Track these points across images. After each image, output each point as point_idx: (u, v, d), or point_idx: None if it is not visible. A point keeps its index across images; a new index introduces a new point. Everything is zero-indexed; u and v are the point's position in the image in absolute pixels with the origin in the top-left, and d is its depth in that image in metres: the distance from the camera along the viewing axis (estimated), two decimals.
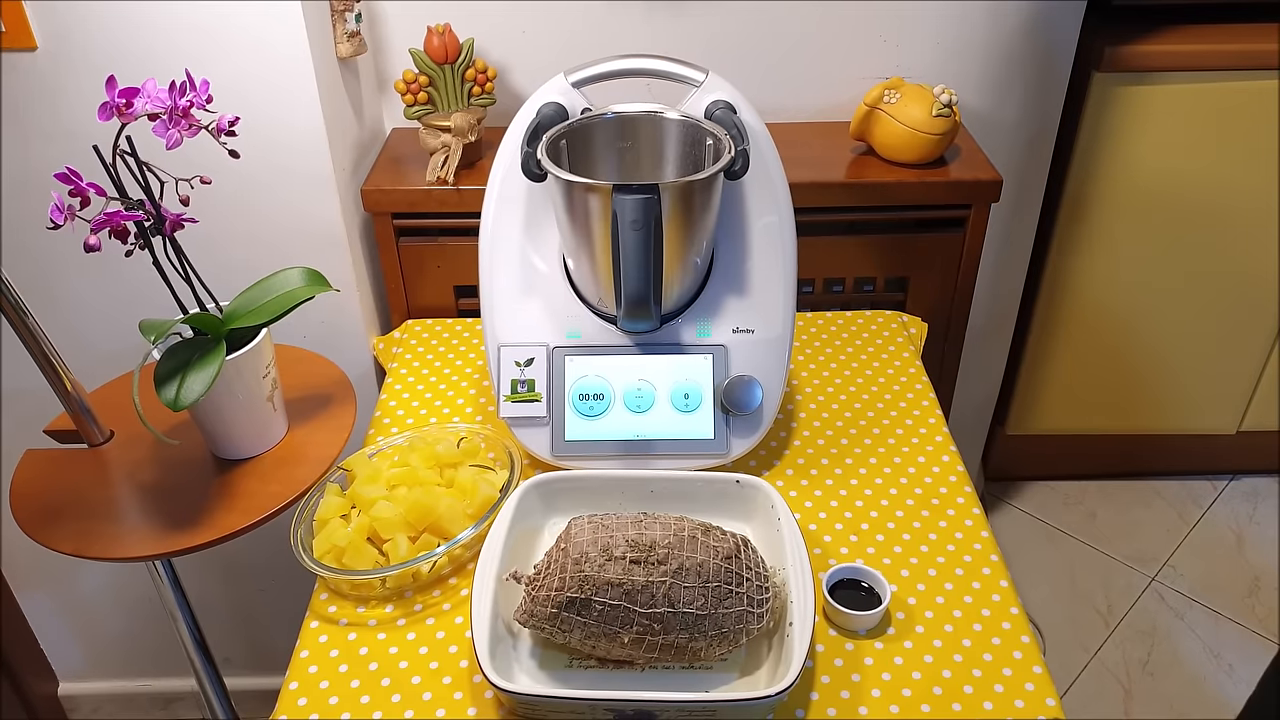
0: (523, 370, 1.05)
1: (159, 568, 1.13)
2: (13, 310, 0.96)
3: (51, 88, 1.15)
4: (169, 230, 0.96)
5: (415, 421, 1.17)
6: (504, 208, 1.07)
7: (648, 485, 0.98)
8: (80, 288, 1.31)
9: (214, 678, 1.25)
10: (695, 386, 1.04)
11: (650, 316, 1.00)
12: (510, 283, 1.07)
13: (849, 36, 1.37)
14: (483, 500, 0.98)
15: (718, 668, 0.86)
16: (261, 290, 1.03)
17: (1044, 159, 1.55)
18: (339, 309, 1.34)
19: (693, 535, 0.85)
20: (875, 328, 1.32)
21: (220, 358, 0.94)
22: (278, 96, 1.17)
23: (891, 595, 0.92)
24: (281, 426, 1.10)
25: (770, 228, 1.06)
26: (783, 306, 1.06)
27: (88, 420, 1.07)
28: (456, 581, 0.97)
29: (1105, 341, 1.84)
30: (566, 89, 1.05)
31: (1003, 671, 0.86)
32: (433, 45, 1.27)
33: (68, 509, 1.01)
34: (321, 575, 0.94)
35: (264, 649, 1.73)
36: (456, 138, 1.30)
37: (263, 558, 1.56)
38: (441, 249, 1.34)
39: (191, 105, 0.91)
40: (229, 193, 1.20)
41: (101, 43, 1.12)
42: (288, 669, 0.89)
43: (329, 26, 1.22)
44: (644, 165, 1.07)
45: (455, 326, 1.35)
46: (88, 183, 0.88)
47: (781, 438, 1.13)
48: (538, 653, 0.88)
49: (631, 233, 0.91)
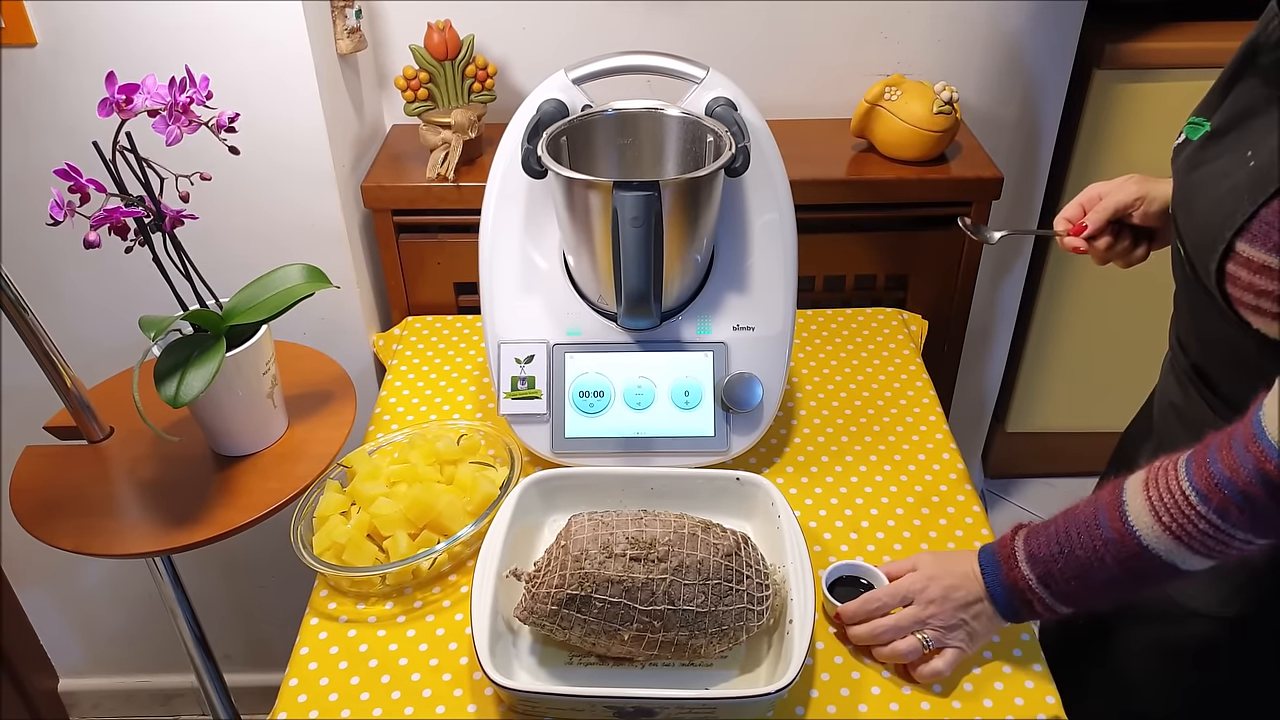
0: (523, 367, 1.05)
1: (159, 564, 1.13)
2: (13, 306, 0.96)
3: (51, 84, 1.15)
4: (169, 226, 0.96)
5: (415, 418, 1.17)
6: (504, 204, 1.07)
7: (648, 482, 0.98)
8: (80, 284, 1.30)
9: (214, 674, 1.25)
10: (695, 384, 1.04)
11: (650, 313, 1.00)
12: (510, 279, 1.07)
13: (850, 33, 1.37)
14: (483, 497, 0.98)
15: (718, 665, 0.86)
16: (261, 287, 1.03)
17: (1045, 156, 1.55)
18: (339, 306, 1.34)
19: (693, 532, 0.85)
20: (875, 325, 1.32)
21: (220, 354, 0.94)
22: (278, 93, 1.17)
23: None
24: (281, 423, 1.10)
25: (771, 225, 1.06)
26: (783, 304, 1.06)
27: (87, 417, 1.07)
28: (456, 578, 0.97)
29: (1105, 339, 1.84)
30: (567, 85, 1.05)
31: (1003, 669, 0.86)
32: (433, 41, 1.27)
33: (68, 505, 1.01)
34: (321, 572, 0.94)
35: (264, 645, 1.73)
36: (457, 134, 1.30)
37: (263, 554, 1.56)
38: (441, 246, 1.34)
39: (191, 101, 0.91)
40: (229, 189, 1.20)
41: (101, 39, 1.12)
42: (288, 665, 0.89)
43: (329, 23, 1.22)
44: (644, 162, 1.07)
45: (455, 323, 1.35)
46: (88, 179, 0.88)
47: (782, 435, 1.13)
48: (538, 650, 0.88)
49: (632, 230, 0.91)
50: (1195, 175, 0.76)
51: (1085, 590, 0.76)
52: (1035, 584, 0.78)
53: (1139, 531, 0.71)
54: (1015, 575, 0.79)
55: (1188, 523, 0.68)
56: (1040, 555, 0.77)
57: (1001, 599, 0.80)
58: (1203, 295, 0.75)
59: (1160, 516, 0.70)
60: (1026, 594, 0.78)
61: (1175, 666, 0.91)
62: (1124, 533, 0.71)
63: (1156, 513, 0.70)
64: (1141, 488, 0.71)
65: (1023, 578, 0.78)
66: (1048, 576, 0.77)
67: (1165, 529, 0.69)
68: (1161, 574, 0.72)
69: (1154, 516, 0.70)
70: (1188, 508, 0.68)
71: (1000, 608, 0.81)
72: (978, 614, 0.82)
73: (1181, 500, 0.68)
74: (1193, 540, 0.69)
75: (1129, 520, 0.71)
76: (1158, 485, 0.70)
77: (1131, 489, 0.72)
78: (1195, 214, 0.75)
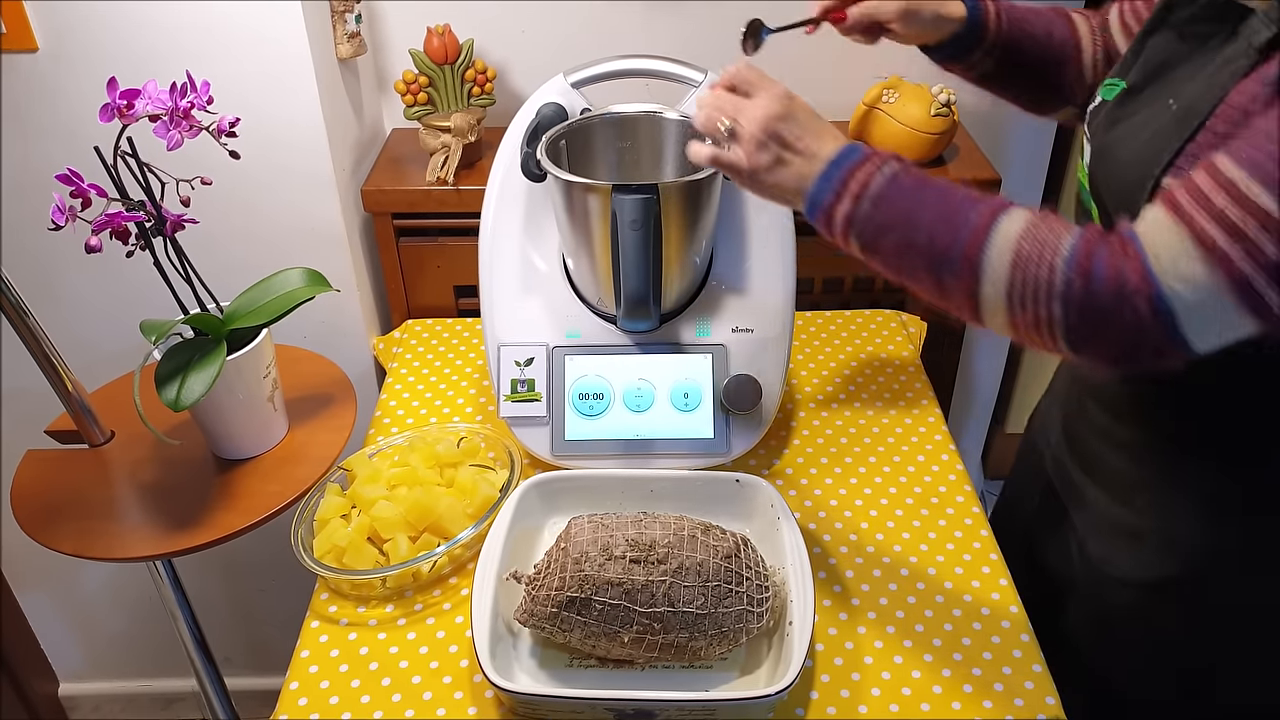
0: (522, 370, 1.05)
1: (159, 568, 1.13)
2: (14, 310, 0.97)
3: (52, 89, 1.16)
4: (170, 231, 0.96)
5: (415, 421, 1.18)
6: (504, 208, 1.07)
7: (647, 485, 0.98)
8: (81, 288, 1.31)
9: (214, 678, 1.25)
10: (695, 386, 1.04)
11: (650, 316, 1.00)
12: (510, 282, 1.07)
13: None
14: (483, 500, 0.98)
15: (718, 667, 0.86)
16: (262, 290, 1.03)
17: (1042, 158, 1.55)
18: (339, 309, 1.34)
19: (692, 534, 0.85)
20: (875, 327, 1.32)
21: (221, 358, 0.94)
22: (278, 97, 1.17)
23: (892, 593, 0.93)
24: (282, 426, 1.10)
25: (769, 227, 1.06)
26: (782, 306, 1.06)
27: (88, 420, 1.07)
28: (457, 581, 0.97)
29: None
30: (566, 89, 1.05)
31: (1002, 670, 0.86)
32: (432, 46, 1.27)
33: (68, 509, 1.01)
34: (322, 575, 0.94)
35: (264, 649, 1.73)
36: (456, 138, 1.30)
37: (263, 557, 1.57)
38: (441, 249, 1.34)
39: (192, 106, 0.91)
40: (229, 193, 1.20)
41: (102, 44, 1.13)
42: (288, 669, 0.89)
43: (329, 27, 1.22)
44: (643, 165, 1.07)
45: (455, 326, 1.35)
46: (89, 184, 0.89)
47: (781, 437, 1.13)
48: (538, 652, 0.88)
49: (631, 232, 0.91)
50: (1114, 131, 0.77)
51: (888, 246, 0.71)
52: (860, 212, 0.71)
53: (986, 259, 0.67)
54: (853, 188, 0.72)
55: (1034, 283, 0.65)
56: (887, 196, 0.71)
57: (822, 189, 0.72)
58: None
59: (1017, 262, 0.66)
60: (844, 207, 0.72)
61: (1115, 634, 0.92)
62: (973, 249, 0.67)
63: (1016, 254, 0.66)
64: (1017, 236, 0.67)
65: (857, 196, 0.71)
66: (873, 214, 0.71)
67: (1010, 269, 0.66)
68: (965, 290, 0.69)
69: (1012, 255, 0.66)
70: (1046, 271, 0.65)
71: (812, 193, 0.73)
72: (789, 166, 0.74)
73: (1046, 265, 0.65)
74: (1023, 295, 0.66)
75: (986, 245, 0.67)
76: (1034, 239, 0.66)
77: (1007, 224, 0.67)
78: (1117, 163, 0.75)
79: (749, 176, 0.76)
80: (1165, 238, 0.63)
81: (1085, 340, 0.66)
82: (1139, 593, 0.87)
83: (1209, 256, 0.61)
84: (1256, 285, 0.60)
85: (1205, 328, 0.62)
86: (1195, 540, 0.83)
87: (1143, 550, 0.86)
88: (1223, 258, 0.60)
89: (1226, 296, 0.61)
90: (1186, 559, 0.84)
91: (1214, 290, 0.61)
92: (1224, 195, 0.61)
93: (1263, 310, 0.61)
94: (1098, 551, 0.90)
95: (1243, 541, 0.82)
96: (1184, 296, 0.62)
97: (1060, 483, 0.97)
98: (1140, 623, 0.89)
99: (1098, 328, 0.65)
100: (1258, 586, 0.84)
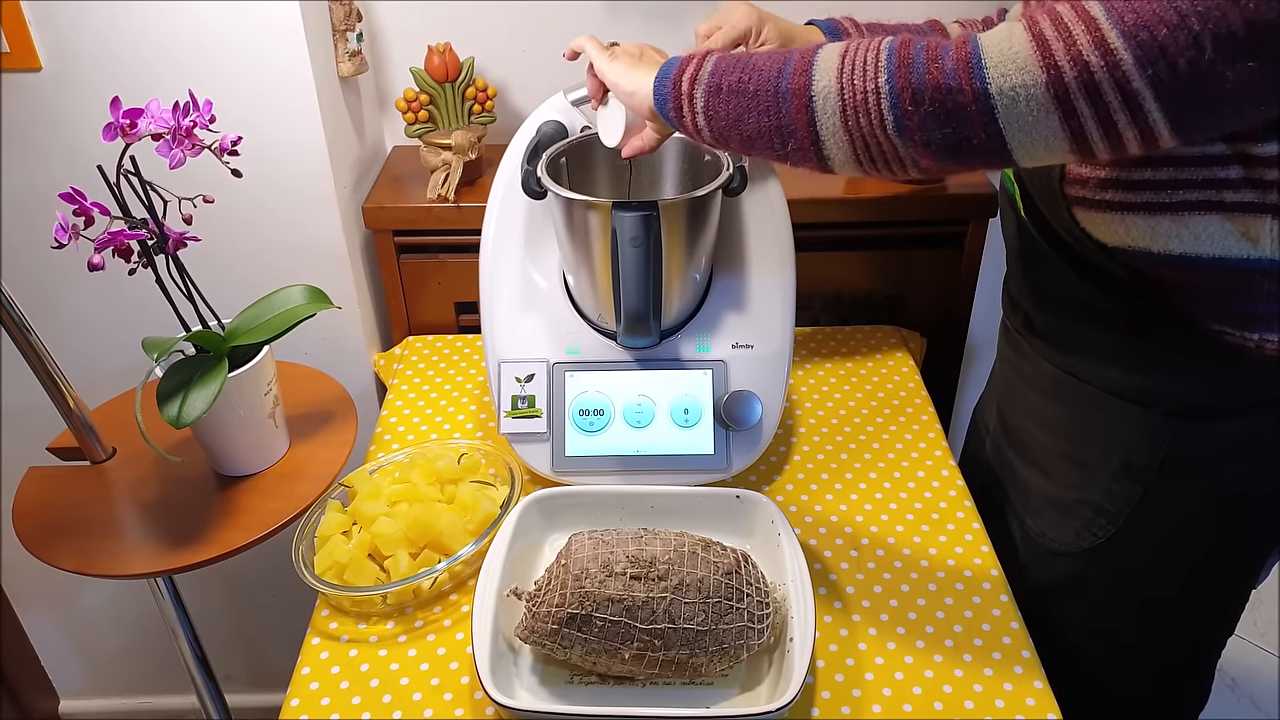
0: (523, 386, 1.05)
1: (160, 585, 1.13)
2: (16, 327, 0.97)
3: (56, 108, 1.16)
4: (172, 249, 0.97)
5: (416, 438, 1.18)
6: (504, 225, 1.08)
7: (648, 501, 0.98)
8: (83, 305, 1.31)
9: (215, 695, 1.25)
10: (695, 402, 1.04)
11: (650, 332, 1.00)
12: (510, 299, 1.08)
13: None
14: (483, 516, 0.98)
15: (718, 683, 0.86)
16: (263, 308, 1.04)
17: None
18: (340, 326, 1.35)
19: (693, 551, 0.85)
20: (874, 343, 1.32)
21: (222, 375, 0.95)
22: (280, 116, 1.18)
23: (893, 609, 0.93)
24: (283, 443, 1.10)
25: (769, 243, 1.07)
26: (782, 321, 1.06)
27: (90, 437, 1.07)
28: (457, 598, 0.97)
29: None
30: (566, 107, 1.06)
31: (1004, 687, 0.86)
32: (433, 64, 1.28)
33: (70, 526, 1.01)
34: (323, 592, 0.94)
35: (265, 666, 1.73)
36: (457, 155, 1.31)
37: (264, 574, 1.57)
38: (442, 266, 1.35)
39: (195, 125, 0.92)
40: (231, 211, 1.21)
41: (105, 64, 1.13)
42: (289, 686, 0.89)
43: (330, 46, 1.23)
44: (643, 182, 1.07)
45: (456, 343, 1.35)
46: (92, 202, 0.89)
47: (781, 453, 1.13)
48: (539, 669, 0.88)
49: (631, 250, 0.92)
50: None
51: (729, 117, 0.75)
52: (701, 79, 0.77)
53: (813, 82, 0.69)
54: (681, 89, 0.79)
55: (861, 92, 0.67)
56: (716, 70, 0.76)
57: (660, 93, 0.81)
58: (1036, 240, 0.88)
59: (840, 74, 0.68)
60: (683, 98, 0.78)
61: (1060, 603, 1.00)
62: (800, 81, 0.70)
63: (839, 69, 0.68)
64: (837, 54, 0.70)
65: (693, 78, 0.78)
66: (711, 83, 0.76)
67: (836, 81, 0.68)
68: (803, 143, 0.71)
69: (835, 70, 0.68)
70: (873, 70, 0.67)
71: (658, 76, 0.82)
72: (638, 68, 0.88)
73: (871, 66, 0.67)
74: (854, 105, 0.67)
75: (811, 70, 0.70)
76: (853, 50, 0.69)
77: (826, 51, 0.71)
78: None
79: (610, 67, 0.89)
80: (1000, 34, 0.64)
81: (912, 135, 0.66)
82: (1072, 561, 0.97)
83: (1032, 46, 0.62)
84: (1071, 89, 0.61)
85: (1024, 133, 0.63)
86: (1116, 507, 0.92)
87: (1070, 521, 0.96)
88: (1045, 51, 0.61)
89: (1043, 96, 0.62)
90: (1111, 524, 0.93)
91: (1033, 89, 0.62)
92: (1067, 5, 0.62)
93: (1078, 135, 0.62)
94: (1035, 527, 1.01)
95: (1154, 504, 0.90)
96: (1006, 93, 0.62)
97: (999, 465, 1.07)
98: (1078, 588, 0.98)
99: (924, 120, 0.65)
100: (1168, 550, 0.93)
